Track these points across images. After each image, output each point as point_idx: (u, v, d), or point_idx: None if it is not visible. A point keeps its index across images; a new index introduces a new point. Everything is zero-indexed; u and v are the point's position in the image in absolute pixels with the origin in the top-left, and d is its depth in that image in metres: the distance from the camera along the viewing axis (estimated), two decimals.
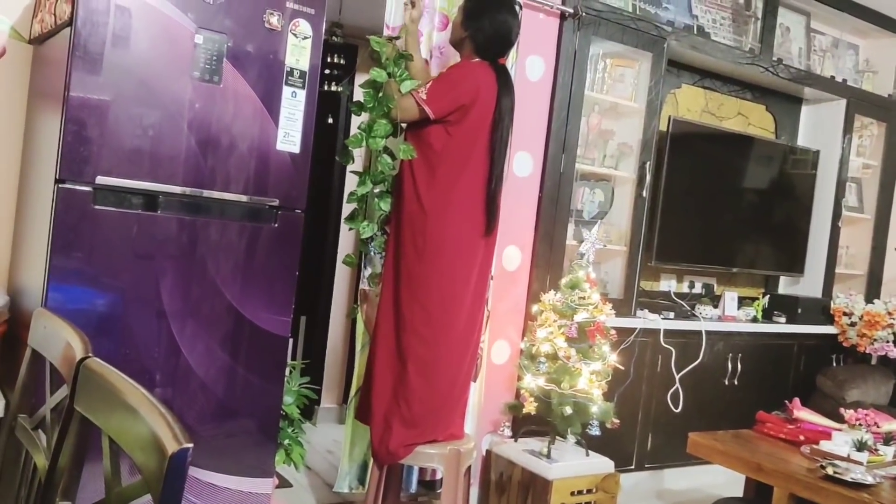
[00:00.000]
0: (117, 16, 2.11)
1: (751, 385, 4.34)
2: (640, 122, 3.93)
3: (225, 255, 2.35)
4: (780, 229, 4.75)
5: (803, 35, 4.82)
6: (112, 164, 2.13)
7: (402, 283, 2.87)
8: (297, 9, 2.37)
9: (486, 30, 2.87)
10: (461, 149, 2.84)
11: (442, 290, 2.84)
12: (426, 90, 2.79)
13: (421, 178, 2.84)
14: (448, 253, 2.84)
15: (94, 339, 2.06)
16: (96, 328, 2.15)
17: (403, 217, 2.88)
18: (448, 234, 2.84)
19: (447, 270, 2.84)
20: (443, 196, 2.83)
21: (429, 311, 2.83)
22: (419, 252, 2.83)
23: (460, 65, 2.93)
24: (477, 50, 2.89)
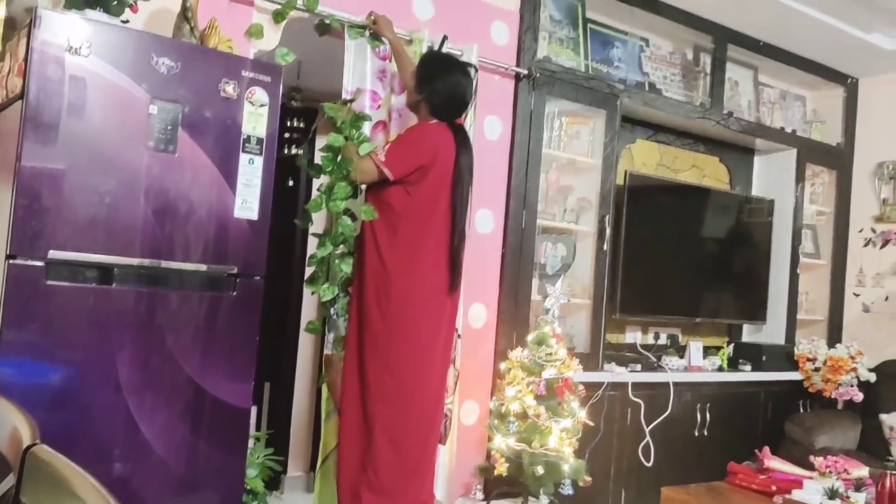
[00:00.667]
0: (71, 86, 2.09)
1: (720, 435, 4.33)
2: (597, 177, 3.99)
3: (183, 325, 2.30)
4: (741, 278, 4.81)
5: (751, 88, 4.96)
6: (65, 237, 2.09)
7: (367, 346, 2.83)
8: (254, 77, 2.37)
9: (440, 92, 2.90)
10: (422, 208, 2.85)
11: (408, 352, 2.80)
12: (384, 152, 2.81)
13: (383, 239, 2.83)
14: (413, 313, 2.81)
15: (48, 415, 2.02)
16: (51, 403, 2.08)
17: (366, 278, 2.86)
18: (412, 293, 2.82)
19: (413, 331, 2.81)
20: (405, 255, 2.82)
21: (395, 375, 2.78)
22: (383, 313, 2.80)
23: (417, 127, 2.96)
24: (433, 112, 2.92)
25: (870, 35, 4.53)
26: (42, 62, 2.05)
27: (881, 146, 5.09)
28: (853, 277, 5.12)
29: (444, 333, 2.91)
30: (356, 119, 2.89)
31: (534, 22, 3.73)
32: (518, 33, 3.69)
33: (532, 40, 3.72)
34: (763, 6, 4.13)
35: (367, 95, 3.09)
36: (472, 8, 3.54)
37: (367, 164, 2.81)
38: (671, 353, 4.38)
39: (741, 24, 4.49)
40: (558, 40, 4.03)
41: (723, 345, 4.78)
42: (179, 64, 2.24)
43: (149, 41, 2.23)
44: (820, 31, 4.42)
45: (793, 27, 4.42)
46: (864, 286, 5.06)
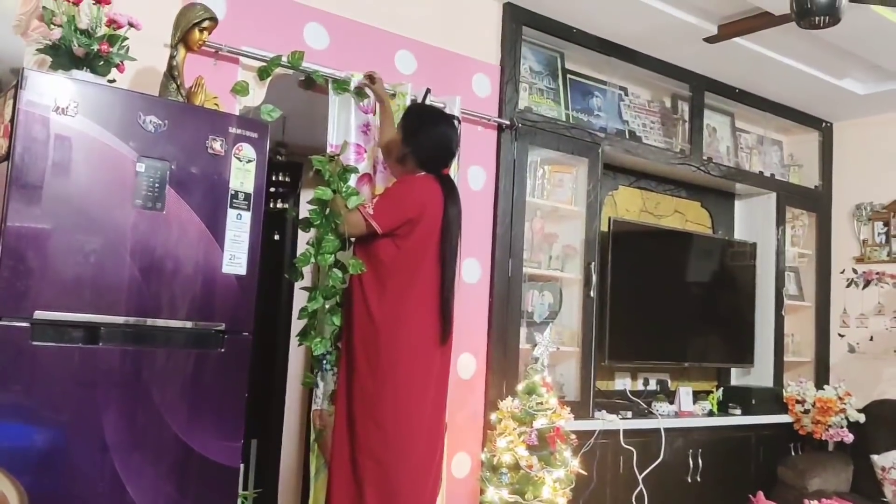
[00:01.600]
0: (57, 146, 2.09)
1: (713, 480, 4.29)
2: (581, 224, 4.02)
3: (170, 384, 2.27)
4: (727, 322, 4.83)
5: (729, 134, 5.05)
6: (51, 297, 2.07)
7: (355, 400, 2.80)
8: (241, 133, 2.39)
9: (425, 144, 2.93)
10: (410, 260, 2.85)
11: (398, 406, 2.77)
12: (373, 205, 2.82)
13: (371, 291, 2.82)
14: (403, 367, 2.79)
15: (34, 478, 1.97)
16: (37, 466, 2.04)
17: (354, 331, 2.84)
18: (400, 346, 2.80)
19: (403, 385, 2.78)
20: (394, 308, 2.81)
21: (385, 431, 2.74)
22: (372, 367, 2.78)
23: (405, 180, 2.97)
24: (420, 164, 2.94)
25: (842, 81, 4.65)
26: (28, 123, 2.06)
27: (858, 188, 5.18)
28: (837, 318, 5.15)
29: (434, 386, 2.88)
30: (343, 172, 2.91)
31: (514, 74, 3.79)
32: (499, 85, 3.75)
33: (513, 91, 3.78)
34: (738, 55, 4.23)
35: (352, 149, 3.12)
36: (454, 61, 3.60)
37: (355, 217, 2.82)
38: (661, 398, 4.36)
39: (717, 73, 4.59)
40: (539, 91, 4.10)
41: (712, 389, 4.77)
42: (167, 122, 2.25)
43: (136, 100, 2.24)
44: (794, 77, 4.52)
45: (767, 74, 4.52)
46: (849, 327, 5.10)
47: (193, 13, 2.55)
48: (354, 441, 2.78)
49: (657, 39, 4.14)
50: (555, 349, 3.57)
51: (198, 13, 2.55)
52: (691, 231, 4.84)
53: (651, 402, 4.31)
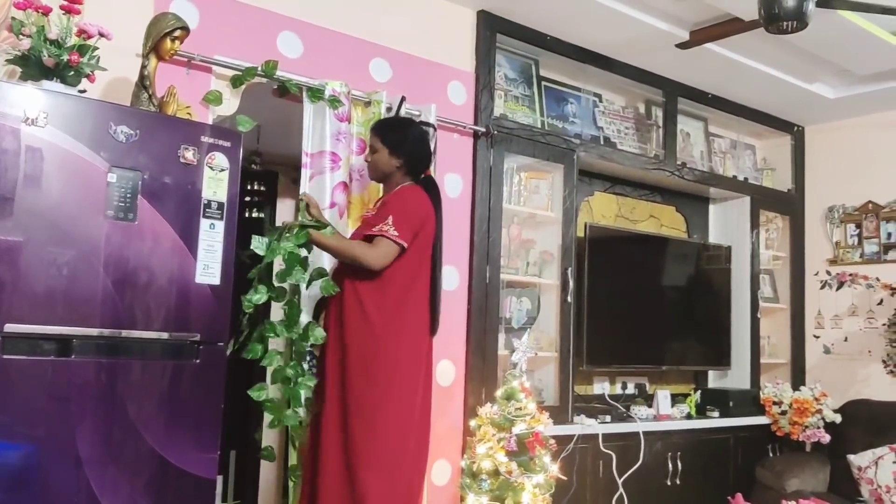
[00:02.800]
0: (27, 157, 2.07)
1: (692, 483, 4.32)
2: (558, 230, 4.04)
3: (146, 395, 2.25)
4: (703, 325, 4.86)
5: (703, 139, 5.10)
6: (23, 310, 2.05)
7: (352, 413, 2.75)
8: (213, 142, 2.38)
9: (415, 150, 2.96)
10: (410, 268, 2.85)
11: (400, 414, 2.77)
12: (393, 227, 2.77)
13: (370, 302, 2.79)
14: (403, 373, 2.80)
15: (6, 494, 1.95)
16: (9, 482, 2.01)
17: (349, 343, 2.79)
18: (401, 352, 2.80)
19: (405, 393, 2.80)
20: (394, 314, 2.80)
21: (382, 440, 2.73)
22: (371, 377, 2.75)
23: (406, 192, 2.94)
24: (409, 172, 2.96)
25: (812, 85, 4.71)
26: None
27: (830, 191, 5.25)
28: (812, 320, 5.21)
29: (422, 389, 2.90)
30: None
31: (489, 81, 3.81)
32: (475, 92, 3.76)
33: (489, 99, 3.79)
34: (710, 61, 4.27)
35: (328, 157, 3.11)
36: (429, 69, 3.61)
37: (386, 246, 2.76)
38: (639, 402, 4.38)
39: (690, 79, 4.63)
40: (514, 98, 4.12)
41: (690, 392, 4.80)
42: (138, 132, 2.24)
43: (107, 110, 2.23)
44: (765, 82, 4.58)
45: (739, 79, 4.57)
46: (824, 328, 5.15)
47: (165, 22, 2.54)
48: (352, 454, 2.72)
49: (630, 46, 4.18)
50: (533, 354, 3.57)
51: (169, 22, 2.54)
52: (666, 235, 4.88)
53: (629, 405, 4.33)
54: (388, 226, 2.78)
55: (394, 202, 2.90)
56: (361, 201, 3.22)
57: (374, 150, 2.97)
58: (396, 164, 2.94)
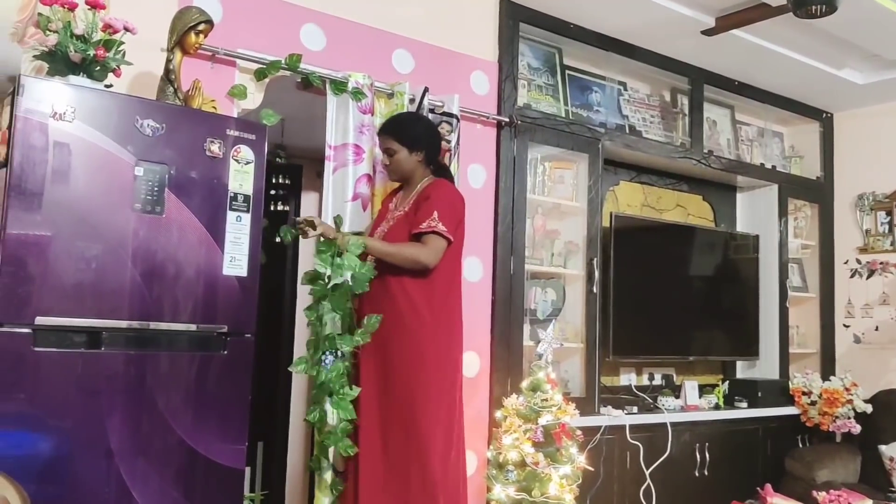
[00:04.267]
0: (55, 153, 2.09)
1: (721, 474, 4.28)
2: (583, 220, 4.01)
3: (174, 387, 2.27)
4: (731, 315, 4.81)
5: (729, 127, 5.04)
6: (52, 303, 2.07)
7: (399, 411, 2.75)
8: (238, 135, 2.39)
9: (433, 140, 2.97)
10: (452, 260, 2.88)
11: (449, 406, 2.81)
12: (440, 222, 2.76)
13: (420, 297, 2.78)
14: (451, 368, 2.84)
15: (39, 486, 1.97)
16: (41, 473, 2.03)
17: (395, 339, 2.77)
18: (453, 347, 2.84)
19: (455, 387, 2.84)
20: (442, 309, 2.82)
21: (449, 435, 2.78)
22: (422, 373, 2.75)
23: (445, 185, 2.94)
24: (429, 163, 2.97)
25: (841, 71, 4.63)
26: (26, 129, 2.06)
27: (860, 178, 5.16)
28: (842, 309, 5.14)
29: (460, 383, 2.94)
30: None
31: (513, 71, 3.79)
32: (498, 82, 3.74)
33: (512, 88, 3.77)
34: (736, 47, 4.22)
35: (351, 149, 3.11)
36: (452, 59, 3.60)
37: (437, 242, 2.76)
38: (667, 393, 4.35)
39: (716, 66, 4.58)
40: (537, 87, 4.09)
41: (718, 382, 4.75)
42: (164, 125, 2.25)
43: (133, 104, 2.24)
44: (793, 68, 4.51)
45: (766, 66, 4.51)
46: (854, 317, 5.08)
47: (189, 16, 2.55)
48: (423, 454, 2.71)
49: (655, 33, 4.13)
50: (559, 346, 3.55)
51: (193, 16, 2.55)
52: (693, 225, 4.83)
53: (657, 396, 4.30)
54: (436, 221, 2.77)
55: (436, 196, 2.84)
56: (384, 194, 3.22)
57: (391, 152, 2.91)
58: (419, 159, 2.93)
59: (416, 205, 2.89)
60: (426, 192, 2.90)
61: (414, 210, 2.87)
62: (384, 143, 2.95)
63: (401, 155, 2.91)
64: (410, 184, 2.99)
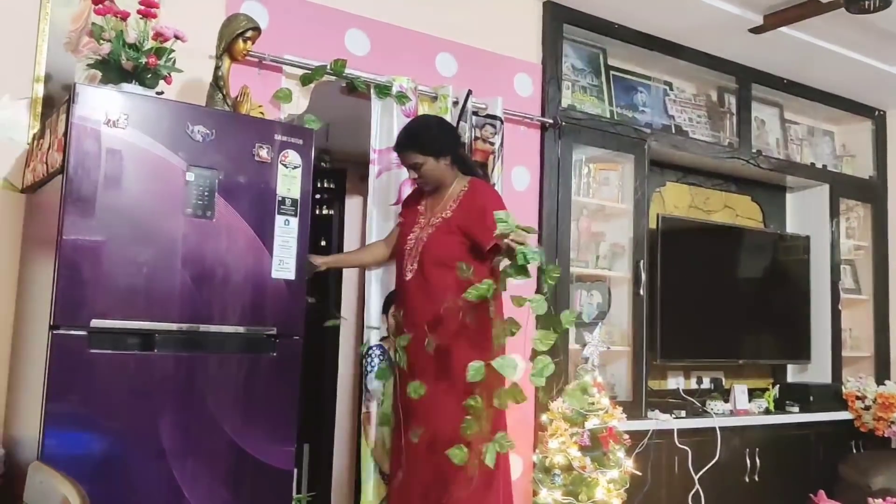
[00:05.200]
0: (108, 159, 2.13)
1: (772, 480, 4.20)
2: (629, 222, 3.97)
3: (224, 388, 2.30)
4: (782, 317, 4.72)
5: (778, 126, 4.95)
6: (107, 306, 2.11)
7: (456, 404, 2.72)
8: (286, 140, 2.41)
9: (456, 140, 2.95)
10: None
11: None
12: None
13: (499, 303, 2.81)
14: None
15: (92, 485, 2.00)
16: (95, 473, 2.07)
17: (458, 335, 2.76)
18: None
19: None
20: (497, 306, 2.81)
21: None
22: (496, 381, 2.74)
23: (487, 191, 2.91)
24: (455, 161, 2.89)
25: (894, 67, 4.51)
26: (80, 136, 2.10)
27: None
28: None
29: None
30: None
31: (556, 72, 3.77)
32: (541, 84, 3.73)
33: (556, 90, 3.75)
34: (785, 45, 4.14)
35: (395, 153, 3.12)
36: (495, 62, 3.59)
37: None
38: (716, 397, 4.28)
39: (764, 64, 4.50)
40: (582, 88, 4.07)
41: (768, 386, 4.67)
42: (214, 131, 2.29)
43: (184, 110, 2.28)
44: (844, 65, 4.41)
45: (816, 64, 4.42)
46: None
47: (237, 23, 2.59)
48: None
49: (701, 32, 4.08)
50: (605, 349, 3.52)
51: (241, 23, 2.59)
52: (742, 226, 4.76)
53: (705, 400, 4.24)
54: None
55: (487, 201, 2.79)
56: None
57: (418, 166, 2.82)
58: (447, 163, 2.84)
59: (463, 212, 2.80)
60: (473, 199, 2.82)
61: (462, 217, 2.79)
62: (407, 159, 2.86)
63: (428, 165, 2.82)
64: (443, 187, 2.90)
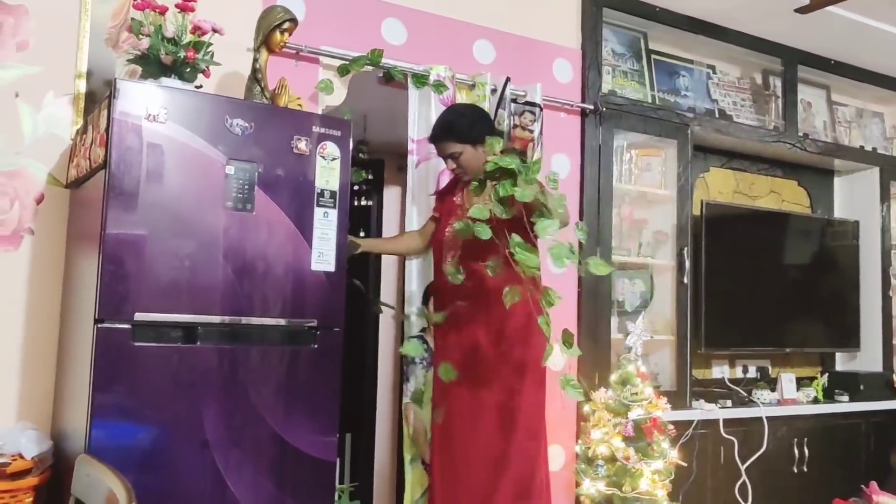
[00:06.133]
0: (149, 153, 2.15)
1: (821, 470, 4.12)
2: (672, 209, 3.91)
3: (266, 380, 2.31)
4: (830, 304, 4.62)
5: (825, 108, 4.82)
6: (150, 300, 2.13)
7: (512, 394, 2.72)
8: (324, 132, 2.40)
9: (486, 124, 2.85)
10: None
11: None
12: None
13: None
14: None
15: (138, 476, 2.03)
16: (140, 464, 2.09)
17: (511, 320, 2.72)
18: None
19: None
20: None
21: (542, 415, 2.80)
22: (532, 356, 2.72)
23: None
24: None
25: None
26: (121, 131, 2.11)
27: None
28: None
29: None
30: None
31: (596, 57, 3.71)
32: (581, 69, 3.67)
33: (596, 75, 3.69)
34: (832, 25, 4.03)
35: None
36: (534, 48, 3.55)
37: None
38: (762, 386, 4.21)
39: (810, 45, 4.39)
40: (622, 73, 4.00)
41: (816, 375, 4.57)
42: (253, 124, 2.29)
43: (223, 104, 2.28)
44: (893, 45, 4.28)
45: (864, 43, 4.29)
46: None
47: (274, 15, 2.58)
48: (520, 432, 2.69)
49: (745, 13, 3.99)
50: (648, 338, 3.47)
51: (278, 15, 2.58)
52: (788, 211, 4.66)
53: (751, 389, 4.17)
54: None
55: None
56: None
57: (456, 155, 2.77)
58: (484, 151, 2.77)
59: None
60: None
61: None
62: (444, 149, 2.81)
63: (467, 154, 2.77)
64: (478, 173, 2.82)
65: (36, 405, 2.55)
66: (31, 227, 2.58)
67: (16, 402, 2.53)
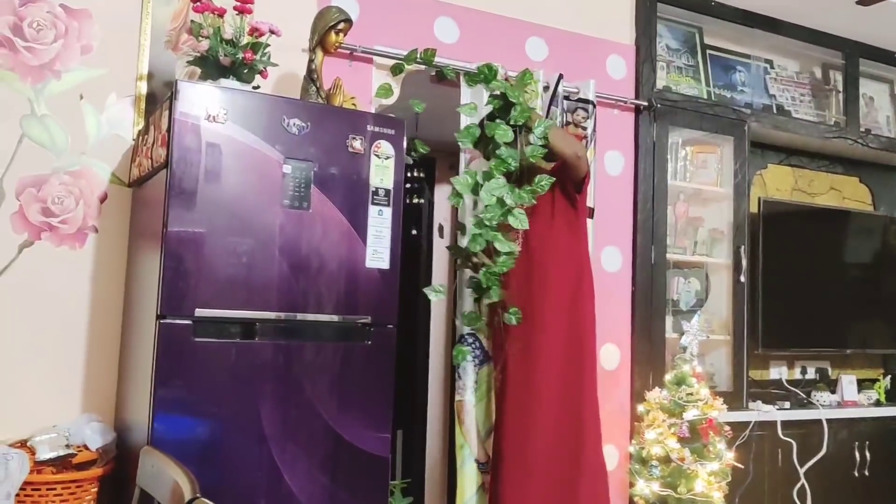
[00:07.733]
0: (209, 153, 2.20)
1: (884, 475, 4.00)
2: (728, 206, 3.84)
3: (320, 376, 2.34)
4: (893, 304, 4.49)
5: (889, 103, 4.69)
6: (209, 296, 2.18)
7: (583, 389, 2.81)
8: (378, 131, 2.43)
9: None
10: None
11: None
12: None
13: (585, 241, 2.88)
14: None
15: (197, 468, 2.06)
16: (200, 457, 2.14)
17: (584, 288, 2.83)
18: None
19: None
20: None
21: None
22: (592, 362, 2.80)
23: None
24: None
25: None
26: (182, 132, 2.17)
27: None
28: None
29: None
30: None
31: (650, 53, 3.67)
32: (635, 65, 3.63)
33: (650, 71, 3.65)
34: (895, 16, 3.90)
35: None
36: (586, 44, 3.52)
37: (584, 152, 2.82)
38: (821, 387, 4.11)
39: (872, 38, 4.28)
40: (677, 69, 3.94)
41: (878, 377, 4.44)
42: (309, 123, 2.32)
43: (280, 104, 2.32)
44: None
45: None
46: None
47: (329, 16, 2.61)
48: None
49: (804, 6, 3.90)
50: (704, 338, 3.42)
51: (333, 15, 2.61)
52: (849, 209, 4.54)
53: (810, 391, 4.08)
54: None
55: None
56: None
57: None
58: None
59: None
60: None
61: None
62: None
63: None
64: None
65: (100, 398, 2.63)
66: (95, 225, 2.66)
67: (80, 395, 2.61)
